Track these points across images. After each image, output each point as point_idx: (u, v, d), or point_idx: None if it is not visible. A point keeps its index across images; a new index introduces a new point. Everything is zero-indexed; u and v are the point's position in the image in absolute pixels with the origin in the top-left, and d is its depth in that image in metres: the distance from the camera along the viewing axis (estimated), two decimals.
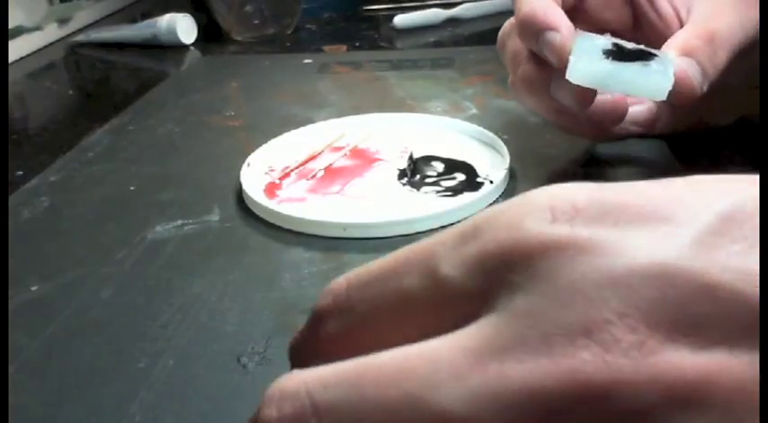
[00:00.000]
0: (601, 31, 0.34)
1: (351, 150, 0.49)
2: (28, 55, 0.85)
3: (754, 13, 0.33)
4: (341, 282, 0.18)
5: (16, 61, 0.83)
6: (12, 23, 0.82)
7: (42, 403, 0.29)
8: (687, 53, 0.32)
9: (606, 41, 0.31)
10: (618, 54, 0.30)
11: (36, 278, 0.38)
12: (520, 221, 0.14)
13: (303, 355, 0.19)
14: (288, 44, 0.83)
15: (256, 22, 0.83)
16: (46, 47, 0.88)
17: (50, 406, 0.29)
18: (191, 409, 0.28)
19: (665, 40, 0.34)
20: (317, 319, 0.19)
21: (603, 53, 0.30)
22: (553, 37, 0.32)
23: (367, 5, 0.94)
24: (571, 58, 0.31)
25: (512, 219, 0.14)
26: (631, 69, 0.30)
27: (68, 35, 0.92)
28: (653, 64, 0.30)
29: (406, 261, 0.16)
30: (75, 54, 0.86)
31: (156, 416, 0.28)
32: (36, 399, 0.29)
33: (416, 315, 0.15)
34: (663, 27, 0.38)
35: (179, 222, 0.42)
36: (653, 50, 0.31)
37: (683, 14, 0.36)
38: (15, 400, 0.29)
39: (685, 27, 0.35)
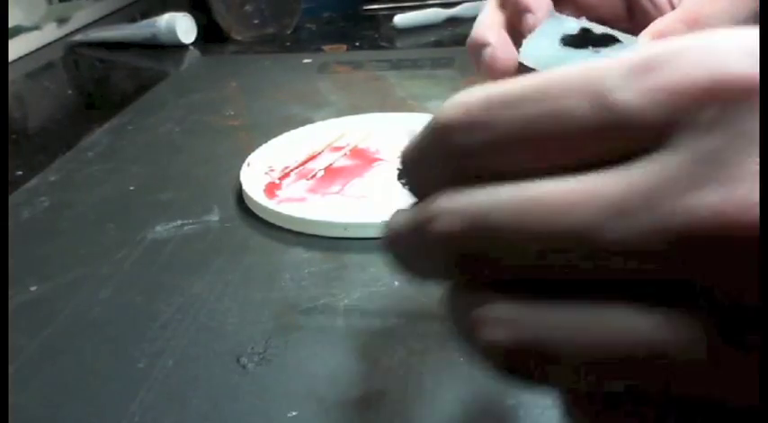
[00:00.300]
0: (596, 19, 0.34)
1: (351, 150, 0.49)
2: (27, 55, 0.85)
3: (748, 2, 0.33)
4: (478, 95, 0.15)
5: (15, 61, 0.83)
6: (10, 23, 0.82)
7: (42, 403, 0.29)
8: (664, 37, 0.31)
9: (575, 25, 0.30)
10: (578, 39, 0.29)
11: (36, 278, 0.38)
12: (721, 61, 0.13)
13: (419, 167, 0.17)
14: (288, 44, 0.83)
15: (256, 21, 0.83)
16: (45, 46, 0.88)
17: (50, 406, 0.29)
18: (191, 409, 0.28)
19: None
20: (443, 130, 0.16)
21: (563, 38, 0.29)
22: (485, 53, 0.31)
23: (367, 5, 0.94)
24: (527, 38, 0.30)
25: (708, 57, 0.13)
26: (579, 56, 0.29)
27: (67, 35, 0.92)
28: (606, 51, 0.29)
29: (564, 83, 0.14)
30: (74, 54, 0.86)
31: (156, 416, 0.28)
32: (36, 399, 0.29)
33: (574, 140, 0.14)
34: (657, 15, 0.37)
35: (179, 222, 0.42)
36: (624, 36, 0.30)
37: (677, 1, 0.36)
38: (15, 400, 0.29)
39: (673, 11, 0.34)
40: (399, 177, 0.18)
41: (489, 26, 0.32)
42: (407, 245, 0.16)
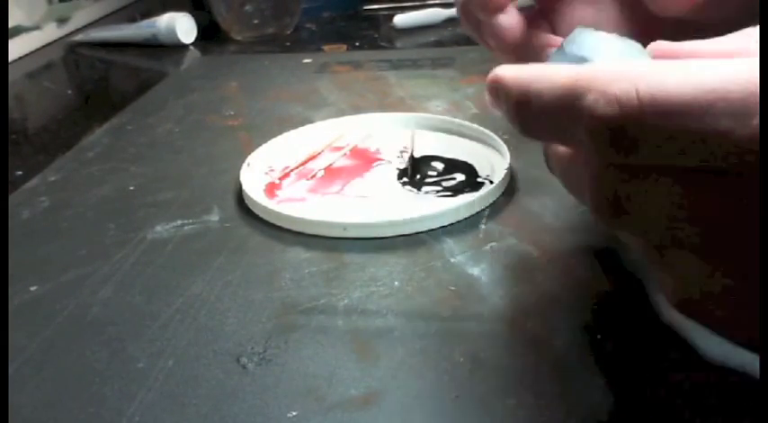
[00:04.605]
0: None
1: (351, 150, 0.49)
2: (27, 54, 0.85)
3: None
4: (642, 94, 0.16)
5: (15, 61, 0.83)
6: (10, 23, 0.82)
7: (42, 403, 0.29)
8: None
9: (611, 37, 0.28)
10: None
11: (36, 278, 0.38)
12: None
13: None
14: (287, 44, 0.83)
15: (256, 21, 0.83)
16: (45, 46, 0.88)
17: (50, 406, 0.29)
18: (191, 409, 0.28)
19: None
20: (595, 125, 0.17)
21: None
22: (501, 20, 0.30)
23: (367, 5, 0.94)
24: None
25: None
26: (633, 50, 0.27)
27: (67, 35, 0.92)
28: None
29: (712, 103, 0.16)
30: (74, 54, 0.86)
31: (156, 416, 0.28)
32: (36, 399, 0.29)
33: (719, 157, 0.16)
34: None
35: (179, 222, 0.42)
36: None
37: None
38: (15, 400, 0.29)
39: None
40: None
41: None
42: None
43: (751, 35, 0.20)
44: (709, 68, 0.16)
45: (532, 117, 0.20)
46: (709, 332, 0.21)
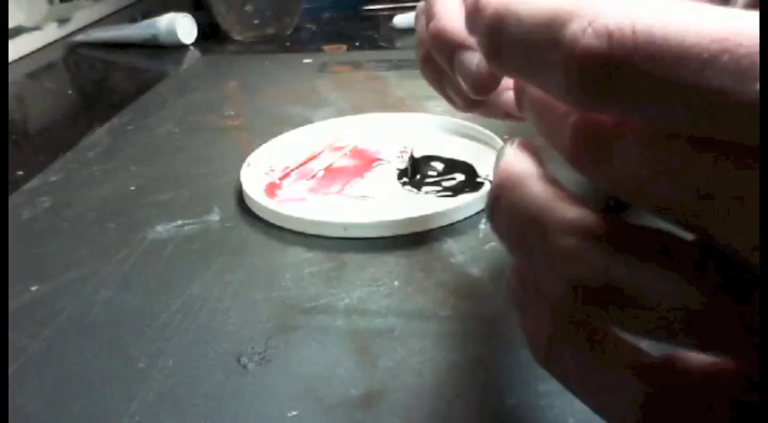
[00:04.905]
0: None
1: (351, 150, 0.49)
2: (27, 55, 0.85)
3: None
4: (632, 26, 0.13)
5: (16, 61, 0.83)
6: (11, 23, 0.82)
7: (42, 403, 0.29)
8: None
9: None
10: None
11: (36, 278, 0.38)
12: None
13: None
14: (288, 44, 0.83)
15: (256, 21, 0.83)
16: (45, 47, 0.88)
17: (50, 406, 0.29)
18: (191, 409, 0.28)
19: None
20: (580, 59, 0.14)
21: None
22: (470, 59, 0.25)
23: (367, 5, 0.94)
24: None
25: None
26: None
27: (68, 35, 0.92)
28: None
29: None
30: (74, 54, 0.86)
31: (156, 416, 0.28)
32: (36, 399, 0.29)
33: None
34: None
35: (179, 222, 0.42)
36: None
37: None
38: (15, 400, 0.29)
39: None
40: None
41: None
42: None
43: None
44: (720, 14, 0.13)
45: (507, 45, 0.16)
46: None
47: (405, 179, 0.45)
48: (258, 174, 0.46)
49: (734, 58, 0.13)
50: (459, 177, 0.44)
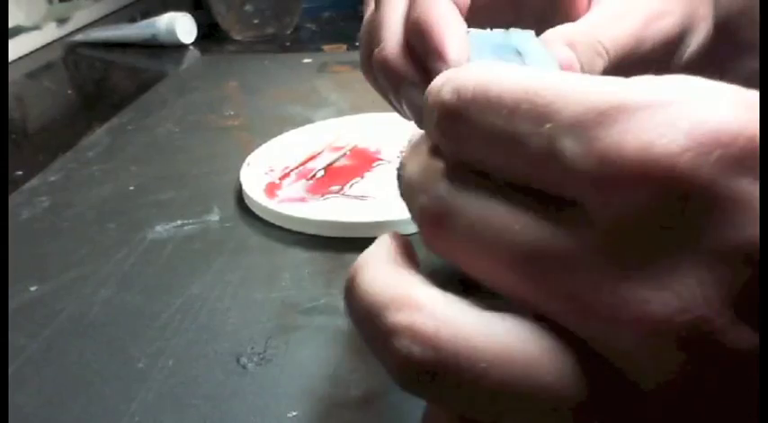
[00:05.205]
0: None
1: (351, 150, 0.49)
2: (26, 54, 0.85)
3: (663, 24, 0.28)
4: (473, 79, 0.16)
5: (15, 61, 0.83)
6: (10, 23, 0.82)
7: (42, 403, 0.29)
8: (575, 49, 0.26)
9: (498, 36, 0.24)
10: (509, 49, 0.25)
11: (36, 278, 0.38)
12: (674, 143, 0.13)
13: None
14: (287, 44, 0.83)
15: (256, 21, 0.83)
16: (45, 46, 0.88)
17: (50, 406, 0.29)
18: (191, 409, 0.28)
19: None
20: (430, 109, 0.17)
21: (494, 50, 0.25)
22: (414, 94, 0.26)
23: None
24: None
25: (671, 127, 0.13)
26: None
27: (67, 35, 0.92)
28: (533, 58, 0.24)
29: (535, 102, 0.15)
30: (74, 54, 0.86)
31: (156, 416, 0.28)
32: (36, 399, 0.29)
33: (523, 167, 0.15)
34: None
35: (179, 222, 0.42)
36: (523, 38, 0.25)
37: None
38: (15, 400, 0.29)
39: (583, 19, 0.28)
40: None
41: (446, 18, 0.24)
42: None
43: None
44: (546, 71, 0.15)
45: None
46: None
47: None
48: (258, 174, 0.46)
49: (532, 105, 0.14)
50: None
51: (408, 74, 0.25)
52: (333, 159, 0.48)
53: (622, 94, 0.13)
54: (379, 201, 0.42)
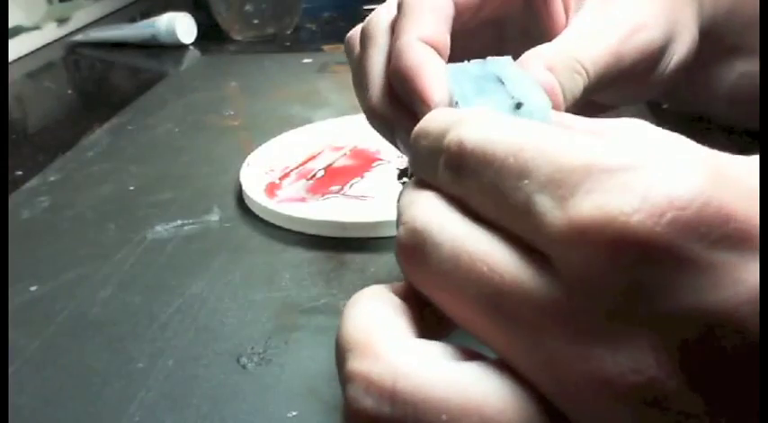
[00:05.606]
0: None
1: (351, 150, 0.49)
2: (27, 54, 0.85)
3: (640, 38, 0.28)
4: (472, 132, 0.17)
5: (15, 61, 0.83)
6: (10, 23, 0.82)
7: (42, 403, 0.29)
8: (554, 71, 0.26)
9: (476, 67, 0.24)
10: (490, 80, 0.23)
11: (36, 278, 0.38)
12: (652, 212, 0.13)
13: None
14: (287, 44, 0.83)
15: (256, 21, 0.83)
16: (45, 46, 0.88)
17: (50, 406, 0.29)
18: (191, 409, 0.28)
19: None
20: (428, 157, 0.18)
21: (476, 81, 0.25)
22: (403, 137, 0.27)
23: (367, 5, 0.94)
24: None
25: (647, 194, 0.14)
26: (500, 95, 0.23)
27: (67, 35, 0.92)
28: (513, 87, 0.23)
29: (522, 165, 0.15)
30: (74, 54, 0.86)
31: (156, 416, 0.28)
32: (36, 399, 0.29)
33: (504, 218, 0.16)
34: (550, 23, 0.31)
35: (179, 222, 0.42)
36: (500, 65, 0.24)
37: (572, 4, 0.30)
38: (15, 400, 0.29)
39: (559, 38, 0.28)
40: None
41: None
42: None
43: (621, 128, 0.17)
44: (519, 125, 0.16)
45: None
46: None
47: (405, 179, 0.45)
48: (258, 174, 0.46)
49: (516, 161, 0.15)
50: None
51: (396, 118, 0.26)
52: (333, 159, 0.48)
53: (594, 155, 0.14)
54: (378, 201, 0.42)
